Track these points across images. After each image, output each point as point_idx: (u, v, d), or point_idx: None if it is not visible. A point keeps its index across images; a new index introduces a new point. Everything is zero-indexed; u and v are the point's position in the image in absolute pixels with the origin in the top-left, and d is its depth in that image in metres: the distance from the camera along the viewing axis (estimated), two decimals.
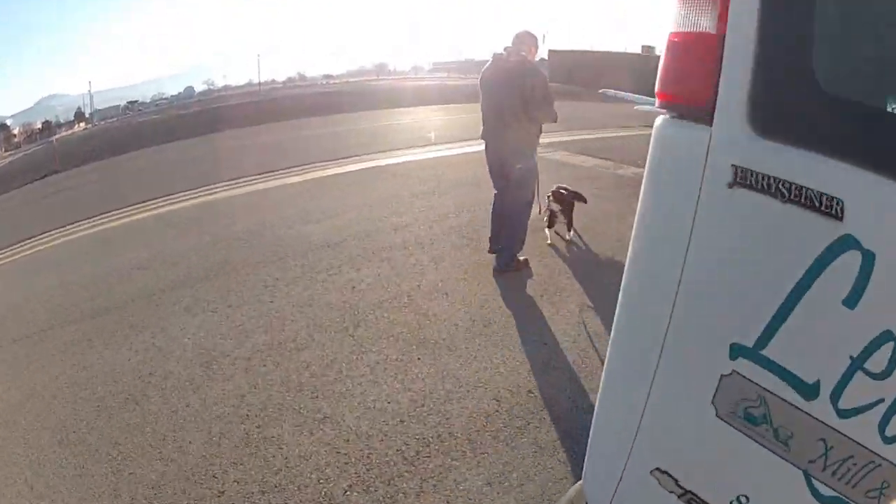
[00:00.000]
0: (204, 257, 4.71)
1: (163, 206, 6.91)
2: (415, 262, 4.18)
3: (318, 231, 5.06)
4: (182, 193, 7.33)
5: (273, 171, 7.99)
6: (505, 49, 3.63)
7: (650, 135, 1.11)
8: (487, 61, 3.78)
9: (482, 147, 3.90)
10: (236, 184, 7.58)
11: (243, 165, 8.81)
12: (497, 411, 2.42)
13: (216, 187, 7.49)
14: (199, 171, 9.27)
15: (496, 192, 3.94)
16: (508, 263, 3.85)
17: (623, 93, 18.85)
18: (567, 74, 36.37)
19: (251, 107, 24.87)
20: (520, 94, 3.48)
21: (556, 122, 3.72)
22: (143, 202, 7.16)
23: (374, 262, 4.20)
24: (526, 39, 3.66)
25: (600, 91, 18.76)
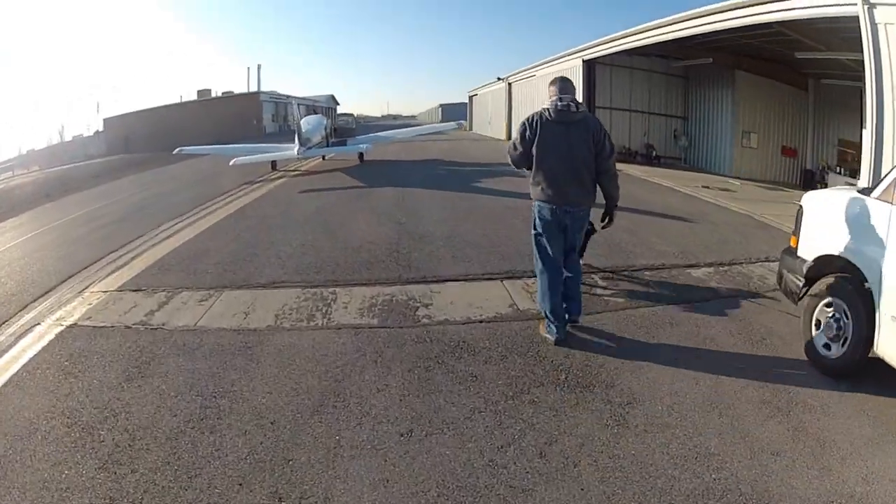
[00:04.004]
0: None
1: None
2: None
3: None
4: None
5: None
6: (561, 97, 3.40)
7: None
8: (533, 118, 3.44)
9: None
10: None
11: None
12: None
13: None
14: None
15: (554, 261, 3.62)
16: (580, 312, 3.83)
17: (202, 147, 17.56)
18: (124, 143, 32.08)
19: None
20: (595, 150, 3.41)
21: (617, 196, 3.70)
22: None
23: None
24: (572, 89, 3.49)
25: (175, 151, 16.56)
